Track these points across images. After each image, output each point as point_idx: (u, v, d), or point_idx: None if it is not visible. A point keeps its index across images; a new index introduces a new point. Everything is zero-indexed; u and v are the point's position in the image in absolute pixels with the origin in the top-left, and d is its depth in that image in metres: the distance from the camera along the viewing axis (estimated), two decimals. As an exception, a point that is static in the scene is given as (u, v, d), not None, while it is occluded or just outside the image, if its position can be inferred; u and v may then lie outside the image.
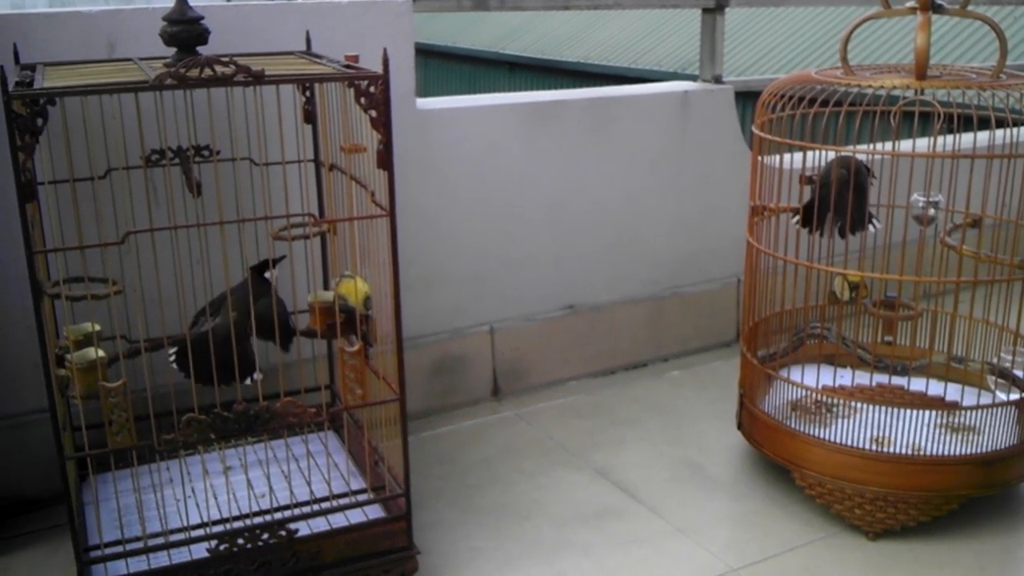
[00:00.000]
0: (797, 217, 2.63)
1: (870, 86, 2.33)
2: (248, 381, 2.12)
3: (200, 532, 2.09)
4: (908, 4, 2.38)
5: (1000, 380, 2.60)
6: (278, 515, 2.13)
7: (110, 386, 1.95)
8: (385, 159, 2.00)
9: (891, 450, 2.37)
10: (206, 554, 2.03)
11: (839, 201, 2.46)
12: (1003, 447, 2.38)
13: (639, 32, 13.40)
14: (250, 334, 2.11)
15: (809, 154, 2.54)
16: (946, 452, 2.35)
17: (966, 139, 3.06)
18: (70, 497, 1.97)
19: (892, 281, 2.53)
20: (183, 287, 2.10)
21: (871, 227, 2.66)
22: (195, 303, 2.26)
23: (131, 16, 2.43)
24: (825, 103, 2.42)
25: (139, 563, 2.02)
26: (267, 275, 2.19)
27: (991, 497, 2.52)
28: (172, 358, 2.13)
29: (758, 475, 2.72)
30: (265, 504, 2.22)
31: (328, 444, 2.53)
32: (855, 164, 2.55)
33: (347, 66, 2.14)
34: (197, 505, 2.25)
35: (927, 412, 2.45)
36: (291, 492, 2.26)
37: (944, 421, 2.51)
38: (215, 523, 2.14)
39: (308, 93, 2.41)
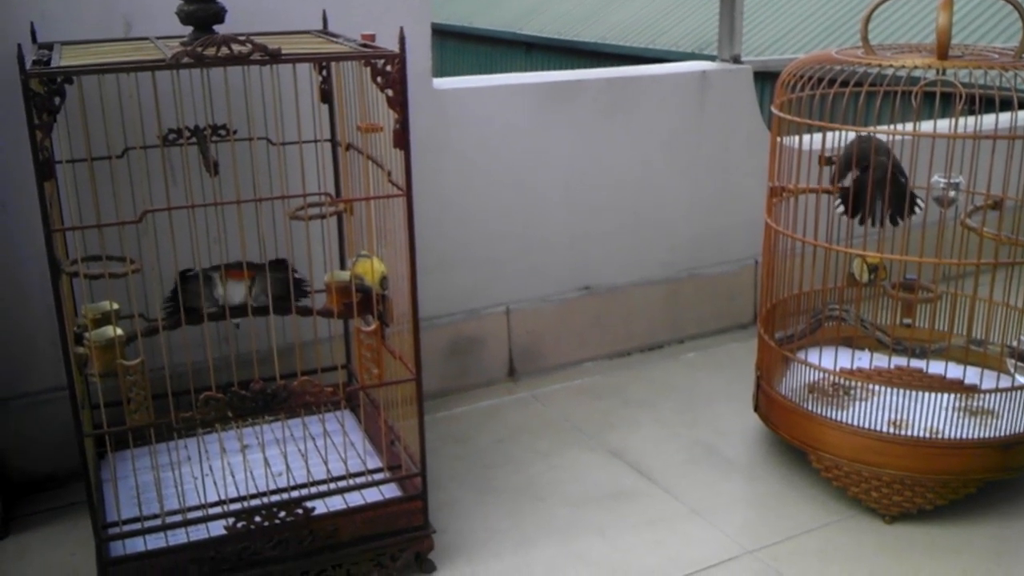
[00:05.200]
0: (840, 205, 2.60)
1: (891, 66, 2.31)
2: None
3: (218, 510, 2.11)
4: (931, -17, 2.35)
5: (1019, 363, 2.58)
6: (295, 493, 2.14)
7: (128, 364, 1.95)
8: (402, 139, 1.99)
9: (909, 433, 2.36)
10: (223, 531, 2.04)
11: (884, 191, 2.44)
12: (1022, 431, 2.36)
13: (657, 12, 13.31)
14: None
15: (829, 135, 2.52)
16: (964, 435, 2.34)
17: (987, 120, 3.03)
18: (88, 474, 1.98)
19: (912, 263, 2.51)
20: (200, 265, 2.10)
21: (916, 209, 2.63)
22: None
23: (148, -5, 2.43)
24: (845, 83, 2.40)
25: (157, 540, 2.04)
26: None
27: (1009, 481, 2.51)
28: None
29: (774, 457, 2.71)
30: (282, 482, 2.24)
31: (345, 423, 2.54)
32: (885, 148, 2.53)
33: (364, 45, 2.13)
34: (215, 483, 2.26)
35: (945, 395, 2.44)
36: (308, 471, 2.27)
37: (963, 404, 2.49)
38: (232, 501, 2.16)
39: (325, 72, 2.41)
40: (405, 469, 2.24)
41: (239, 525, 2.04)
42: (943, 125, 2.65)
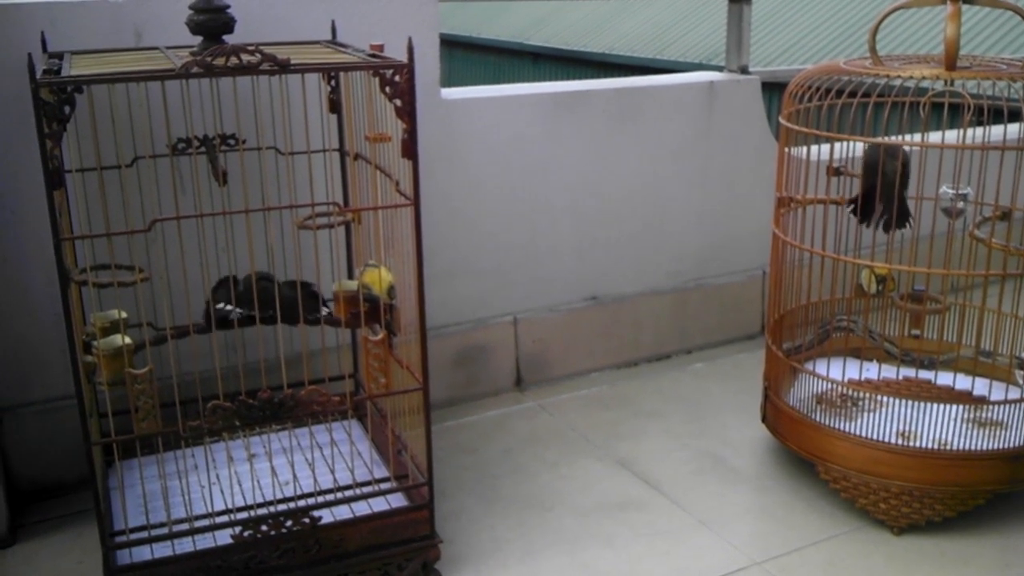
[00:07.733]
0: (852, 207, 2.60)
1: (899, 76, 2.31)
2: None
3: (224, 518, 2.10)
4: (939, -7, 2.35)
5: (1029, 375, 2.57)
6: (302, 502, 2.14)
7: (136, 373, 1.96)
8: (410, 148, 1.99)
9: (917, 444, 2.35)
10: (230, 540, 2.04)
11: (890, 195, 2.44)
12: (1031, 442, 2.36)
13: (665, 23, 13.34)
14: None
15: (836, 145, 2.52)
16: (973, 447, 2.33)
17: (996, 131, 3.02)
18: (96, 483, 1.98)
19: (920, 274, 2.50)
20: (209, 275, 2.11)
21: (907, 224, 2.63)
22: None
23: (158, 4, 2.44)
24: (853, 94, 2.40)
25: (164, 548, 2.04)
26: None
27: (1018, 492, 2.49)
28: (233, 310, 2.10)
29: (782, 468, 2.70)
30: (289, 491, 2.23)
31: (352, 433, 2.54)
32: (904, 156, 2.54)
33: (372, 55, 2.14)
34: (222, 491, 2.26)
35: (954, 406, 2.43)
36: (315, 480, 2.27)
37: (971, 416, 2.48)
38: (239, 510, 2.15)
39: (333, 82, 2.41)
40: (412, 479, 2.24)
41: (246, 534, 2.04)
42: (951, 136, 2.65)
